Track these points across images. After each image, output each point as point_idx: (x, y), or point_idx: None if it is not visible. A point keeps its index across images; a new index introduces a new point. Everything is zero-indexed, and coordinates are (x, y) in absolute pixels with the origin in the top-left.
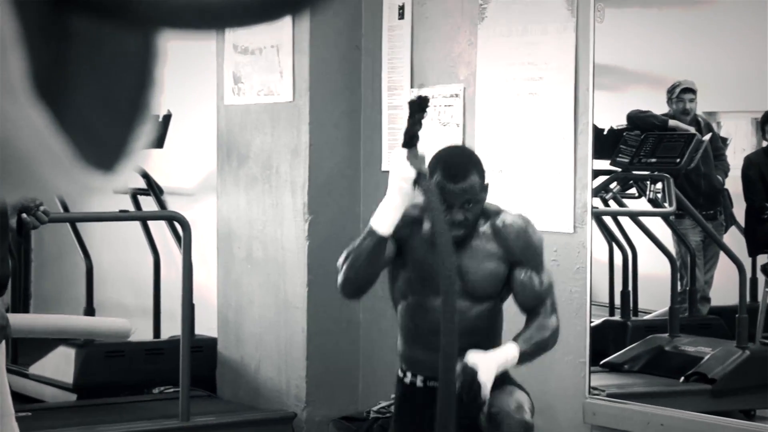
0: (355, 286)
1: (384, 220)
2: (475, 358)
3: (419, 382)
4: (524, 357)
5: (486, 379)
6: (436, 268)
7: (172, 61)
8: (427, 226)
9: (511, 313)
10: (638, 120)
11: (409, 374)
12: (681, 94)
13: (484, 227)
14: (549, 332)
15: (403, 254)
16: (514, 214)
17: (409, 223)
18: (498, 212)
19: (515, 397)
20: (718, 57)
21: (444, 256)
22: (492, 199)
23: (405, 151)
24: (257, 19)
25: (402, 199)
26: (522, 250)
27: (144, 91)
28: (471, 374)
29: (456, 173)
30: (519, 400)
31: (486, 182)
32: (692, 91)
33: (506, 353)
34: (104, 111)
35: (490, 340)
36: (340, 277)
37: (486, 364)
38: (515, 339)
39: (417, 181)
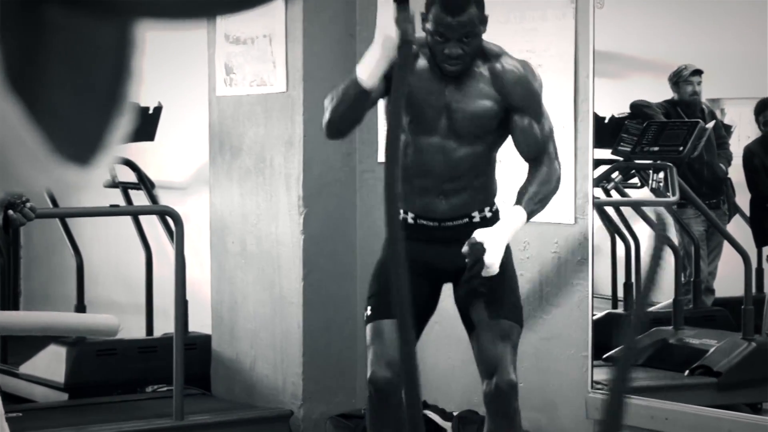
0: (339, 128)
1: (366, 71)
2: (482, 235)
3: (410, 218)
4: (532, 215)
5: (492, 260)
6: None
7: (163, 51)
8: (422, 62)
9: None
10: (640, 114)
11: (400, 210)
12: (690, 76)
13: (482, 68)
14: (553, 183)
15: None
16: (516, 59)
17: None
18: (499, 55)
19: (498, 352)
20: (722, 42)
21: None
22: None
23: (395, 6)
24: (246, 5)
25: (384, 56)
26: (522, 96)
27: (120, 83)
28: (478, 254)
29: (454, 5)
30: (502, 358)
31: (485, 14)
32: (700, 73)
33: (513, 223)
34: (80, 103)
35: (477, 186)
36: (325, 118)
37: (493, 242)
38: (519, 200)
39: (401, 49)
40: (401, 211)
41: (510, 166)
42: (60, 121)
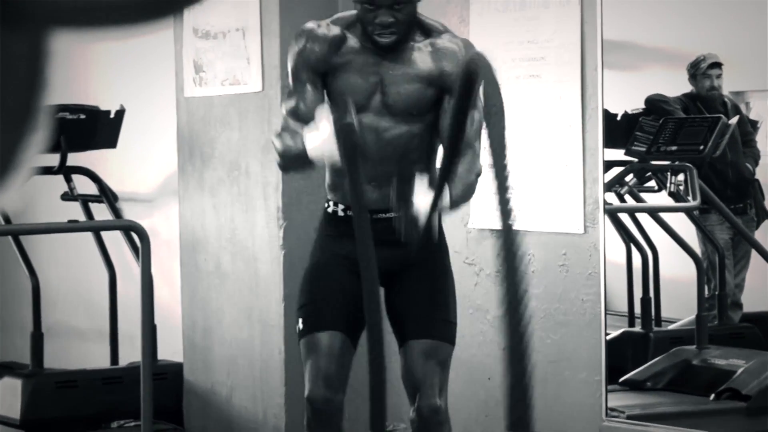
0: (293, 171)
1: (315, 148)
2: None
3: (340, 211)
4: (455, 203)
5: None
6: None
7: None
8: (353, 40)
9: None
10: (656, 110)
11: (331, 203)
12: (708, 69)
13: (421, 43)
14: (475, 176)
15: (329, 84)
16: (460, 38)
17: (332, 47)
18: (441, 32)
19: (422, 373)
20: (746, 28)
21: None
22: (492, 196)
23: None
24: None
25: (332, 133)
26: (458, 78)
27: (34, 95)
28: (413, 221)
29: None
30: (425, 379)
31: None
32: (719, 65)
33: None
34: None
35: (413, 172)
36: (276, 154)
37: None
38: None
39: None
40: (330, 203)
41: (511, 168)
42: None
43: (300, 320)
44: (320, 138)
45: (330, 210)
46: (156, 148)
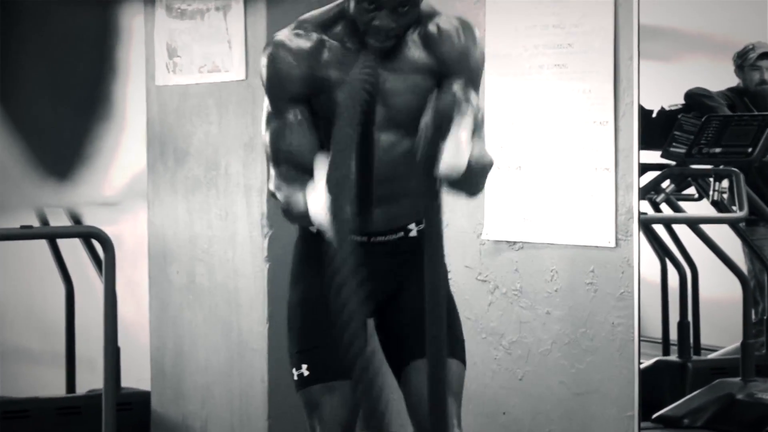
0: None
1: (317, 213)
2: None
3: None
4: (469, 174)
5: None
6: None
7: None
8: (334, 42)
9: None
10: (698, 106)
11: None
12: (758, 60)
13: (413, 35)
14: (489, 163)
15: (315, 104)
16: (452, 16)
17: (312, 61)
18: (432, 14)
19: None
20: None
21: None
22: (509, 203)
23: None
24: None
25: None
26: (457, 60)
27: (102, 79)
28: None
29: None
30: (443, 410)
31: None
32: None
33: None
34: (59, 107)
35: (414, 189)
36: (280, 203)
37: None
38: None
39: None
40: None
41: (533, 172)
42: (39, 129)
43: (304, 366)
44: (318, 200)
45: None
46: (122, 144)
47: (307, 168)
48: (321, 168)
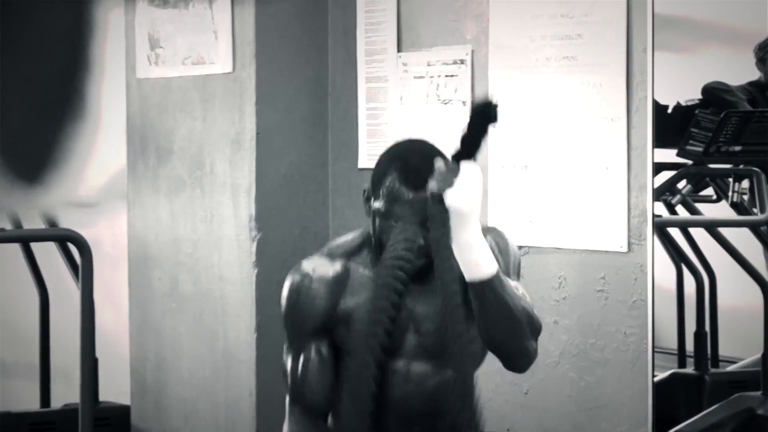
0: None
1: None
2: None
3: None
4: (494, 288)
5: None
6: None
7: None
8: (360, 270)
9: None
10: (716, 101)
11: None
12: None
13: None
14: (536, 321)
15: (338, 337)
16: (491, 228)
17: (335, 291)
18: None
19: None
20: None
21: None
22: (514, 205)
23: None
24: None
25: None
26: (503, 259)
27: (76, 76)
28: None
29: (417, 177)
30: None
31: None
32: None
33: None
34: (31, 106)
35: (460, 423)
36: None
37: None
38: None
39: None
40: None
41: (540, 172)
42: (6, 130)
43: None
44: None
45: None
46: (100, 141)
47: (324, 410)
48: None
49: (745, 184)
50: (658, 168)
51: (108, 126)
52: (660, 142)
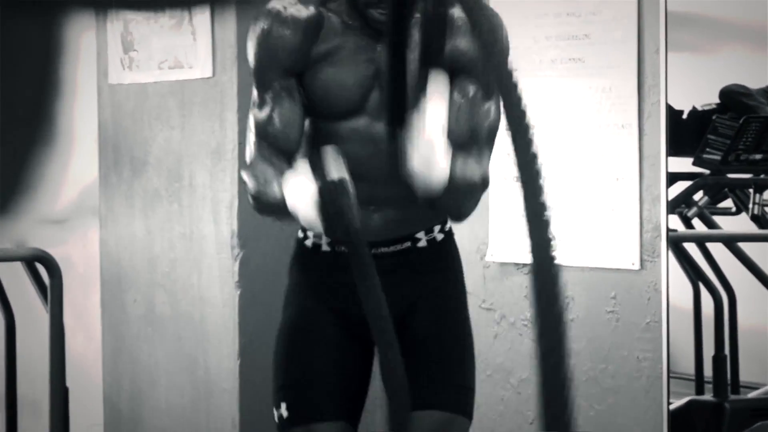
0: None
1: (298, 205)
2: None
3: (324, 244)
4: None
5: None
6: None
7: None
8: (333, 18)
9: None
10: (735, 105)
11: (311, 234)
12: None
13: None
14: (479, 179)
15: (308, 84)
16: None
17: (307, 34)
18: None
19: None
20: None
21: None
22: (517, 219)
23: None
24: None
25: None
26: (474, 59)
27: (45, 98)
28: None
29: None
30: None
31: None
32: None
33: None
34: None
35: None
36: (249, 195)
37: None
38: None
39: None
40: (301, 233)
41: (544, 185)
42: None
43: (283, 405)
44: (299, 189)
45: (300, 236)
46: (70, 152)
47: (291, 149)
48: (305, 156)
49: (767, 195)
50: (673, 178)
51: (79, 136)
52: (674, 150)
